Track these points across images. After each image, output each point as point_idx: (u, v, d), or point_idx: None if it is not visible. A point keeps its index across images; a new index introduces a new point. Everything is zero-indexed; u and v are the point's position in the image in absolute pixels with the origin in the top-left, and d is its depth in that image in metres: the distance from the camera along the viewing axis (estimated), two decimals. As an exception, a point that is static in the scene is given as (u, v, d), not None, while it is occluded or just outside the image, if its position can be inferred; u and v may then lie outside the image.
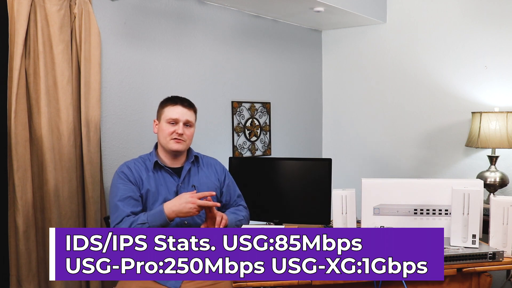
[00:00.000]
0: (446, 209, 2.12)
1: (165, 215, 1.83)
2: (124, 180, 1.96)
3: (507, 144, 2.77)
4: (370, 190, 2.18)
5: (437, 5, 3.30)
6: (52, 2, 2.14)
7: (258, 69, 3.35)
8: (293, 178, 2.45)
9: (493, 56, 3.08)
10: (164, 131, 1.98)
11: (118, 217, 1.88)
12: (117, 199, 1.91)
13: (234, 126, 3.19)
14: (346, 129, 3.84)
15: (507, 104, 3.03)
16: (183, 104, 2.01)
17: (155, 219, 1.83)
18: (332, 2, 2.97)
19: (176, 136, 1.97)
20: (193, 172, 2.07)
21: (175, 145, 1.98)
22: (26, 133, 2.09)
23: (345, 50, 3.79)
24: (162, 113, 2.02)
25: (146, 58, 2.64)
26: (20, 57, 2.04)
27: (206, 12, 2.95)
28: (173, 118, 1.98)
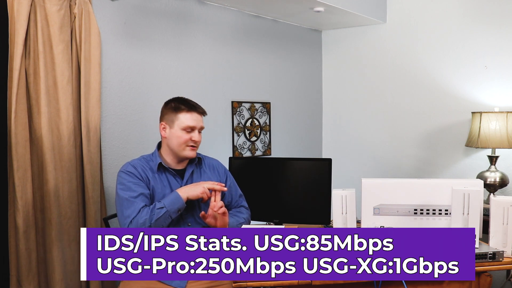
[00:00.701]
0: (446, 209, 2.11)
1: (180, 197, 1.86)
2: (134, 178, 1.94)
3: (507, 144, 2.77)
4: (370, 190, 2.18)
5: (437, 5, 3.30)
6: (52, 2, 2.14)
7: (258, 69, 3.35)
8: (293, 178, 2.45)
9: (493, 56, 3.08)
10: (180, 138, 1.96)
11: (135, 210, 1.85)
12: (129, 195, 1.89)
13: (234, 126, 3.19)
14: (346, 129, 3.84)
15: (507, 104, 3.03)
16: (198, 110, 2.00)
17: (172, 203, 1.86)
18: (332, 2, 2.97)
19: (192, 143, 1.97)
20: (196, 174, 2.07)
21: (191, 152, 1.99)
22: (26, 133, 2.09)
23: (345, 50, 3.79)
24: (176, 119, 1.97)
25: (146, 58, 2.64)
26: (20, 57, 2.04)
27: (206, 12, 2.95)
28: (191, 126, 1.96)
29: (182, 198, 1.87)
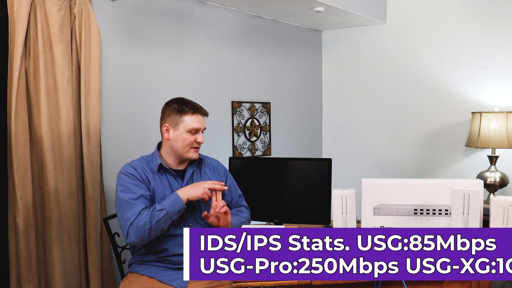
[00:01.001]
0: (446, 209, 2.11)
1: (180, 198, 1.86)
2: (134, 179, 1.94)
3: (507, 144, 2.77)
4: (370, 190, 2.18)
5: (437, 5, 3.30)
6: (52, 2, 2.14)
7: (258, 69, 3.35)
8: (293, 178, 2.45)
9: (493, 56, 3.08)
10: (185, 140, 1.96)
11: (135, 212, 1.85)
12: (130, 197, 1.89)
13: (234, 126, 3.19)
14: (346, 129, 3.84)
15: (507, 104, 3.04)
16: (201, 112, 2.00)
17: (172, 204, 1.86)
18: (332, 2, 2.97)
19: (196, 145, 1.98)
20: (196, 174, 2.07)
21: (195, 154, 2.00)
22: (26, 133, 2.09)
23: (345, 50, 3.79)
24: (180, 121, 1.97)
25: (146, 58, 2.64)
26: (20, 57, 2.04)
27: (206, 12, 2.95)
28: (196, 128, 1.97)
29: (182, 199, 1.87)
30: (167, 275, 1.93)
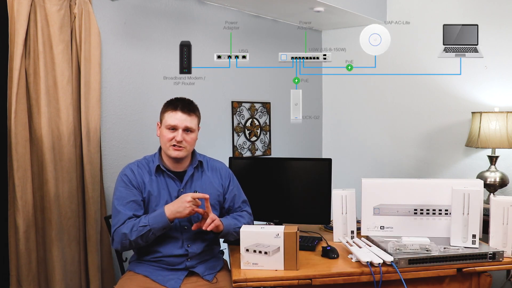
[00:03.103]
0: (446, 209, 2.12)
1: (166, 217, 1.83)
2: (127, 184, 1.95)
3: (507, 144, 2.76)
4: (370, 190, 2.18)
5: (437, 5, 3.30)
6: (52, 2, 2.14)
7: (258, 69, 3.35)
8: (293, 178, 2.45)
9: (493, 56, 3.08)
10: (164, 137, 1.97)
11: (120, 220, 1.88)
12: (118, 203, 1.92)
13: (234, 126, 3.19)
14: (346, 129, 3.84)
15: (507, 104, 3.03)
16: (183, 110, 1.96)
17: (156, 221, 1.84)
18: (332, 2, 2.97)
19: (174, 143, 1.95)
20: (196, 177, 2.05)
21: (174, 152, 1.96)
22: (26, 133, 2.09)
23: (345, 50, 3.78)
24: (163, 118, 1.99)
25: (146, 58, 2.64)
26: (20, 57, 2.04)
27: (206, 12, 2.95)
28: (172, 125, 1.95)
29: (169, 218, 1.83)
30: (162, 275, 1.93)
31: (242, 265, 1.87)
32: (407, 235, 2.08)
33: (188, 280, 1.95)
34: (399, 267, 1.85)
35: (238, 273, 1.82)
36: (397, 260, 1.86)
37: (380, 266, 1.84)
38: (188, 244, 1.97)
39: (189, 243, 1.97)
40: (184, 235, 1.97)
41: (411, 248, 1.92)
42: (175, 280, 1.92)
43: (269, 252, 1.84)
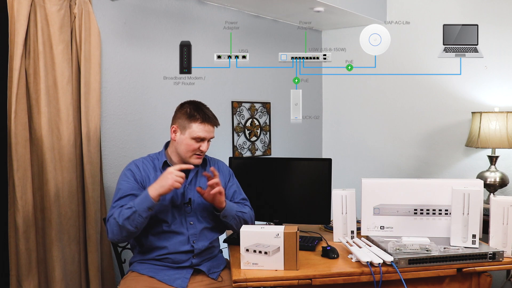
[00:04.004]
0: (446, 209, 2.11)
1: (149, 196, 1.80)
2: (129, 177, 1.96)
3: (507, 144, 2.77)
4: (370, 190, 2.18)
5: (437, 5, 3.30)
6: (52, 2, 2.14)
7: (258, 69, 3.35)
8: (293, 178, 2.45)
9: (493, 56, 3.08)
10: (188, 146, 1.96)
11: (115, 211, 1.87)
12: (117, 195, 1.92)
13: (234, 126, 3.19)
14: (346, 129, 3.84)
15: (507, 104, 3.03)
16: (211, 122, 1.98)
17: (140, 202, 1.81)
18: (332, 2, 2.97)
19: (199, 152, 1.97)
20: (200, 173, 2.07)
21: (196, 160, 1.99)
22: (26, 133, 2.09)
23: (345, 50, 3.78)
24: (188, 127, 1.96)
25: (146, 58, 2.64)
26: (20, 57, 2.04)
27: (206, 12, 2.95)
28: (201, 137, 1.96)
29: (151, 196, 1.81)
30: (167, 275, 1.93)
31: (242, 265, 1.87)
32: (407, 235, 2.08)
33: (194, 279, 1.95)
34: (399, 267, 1.85)
35: (238, 273, 1.82)
36: (397, 260, 1.86)
37: (380, 266, 1.84)
38: (194, 240, 1.98)
39: (194, 239, 1.98)
40: (190, 231, 1.98)
41: (411, 248, 1.92)
42: (182, 279, 1.92)
43: (269, 252, 1.84)
